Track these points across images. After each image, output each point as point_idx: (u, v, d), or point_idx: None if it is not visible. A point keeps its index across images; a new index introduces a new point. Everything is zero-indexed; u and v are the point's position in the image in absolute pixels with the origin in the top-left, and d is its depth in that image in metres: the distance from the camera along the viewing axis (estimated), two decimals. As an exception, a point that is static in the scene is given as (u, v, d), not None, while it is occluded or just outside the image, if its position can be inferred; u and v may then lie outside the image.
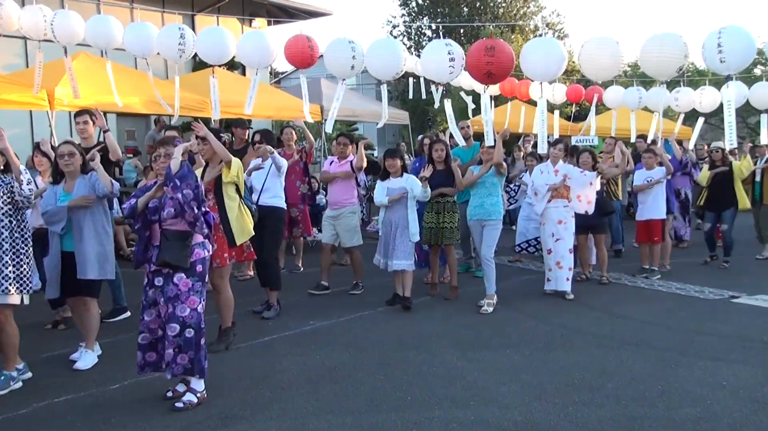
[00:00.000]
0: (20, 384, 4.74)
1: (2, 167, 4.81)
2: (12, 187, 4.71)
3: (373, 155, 19.24)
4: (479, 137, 8.05)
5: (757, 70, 20.76)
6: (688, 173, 11.22)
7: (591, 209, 7.56)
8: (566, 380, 4.81)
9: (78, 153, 5.13)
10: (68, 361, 5.18)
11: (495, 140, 6.91)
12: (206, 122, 11.54)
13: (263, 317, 6.55)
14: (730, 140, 6.97)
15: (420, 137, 14.97)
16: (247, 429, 4.05)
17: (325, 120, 7.87)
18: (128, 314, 6.47)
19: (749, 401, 4.41)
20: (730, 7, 73.26)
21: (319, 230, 10.38)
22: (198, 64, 14.12)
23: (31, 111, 11.58)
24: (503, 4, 31.58)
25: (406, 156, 11.40)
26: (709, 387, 4.65)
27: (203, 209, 4.49)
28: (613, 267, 8.55)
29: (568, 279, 7.39)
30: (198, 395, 4.40)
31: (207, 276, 4.60)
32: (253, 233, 5.77)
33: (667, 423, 4.09)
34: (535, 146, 10.67)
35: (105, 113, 10.77)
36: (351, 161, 7.62)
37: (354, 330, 6.14)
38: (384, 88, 7.94)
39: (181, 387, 4.51)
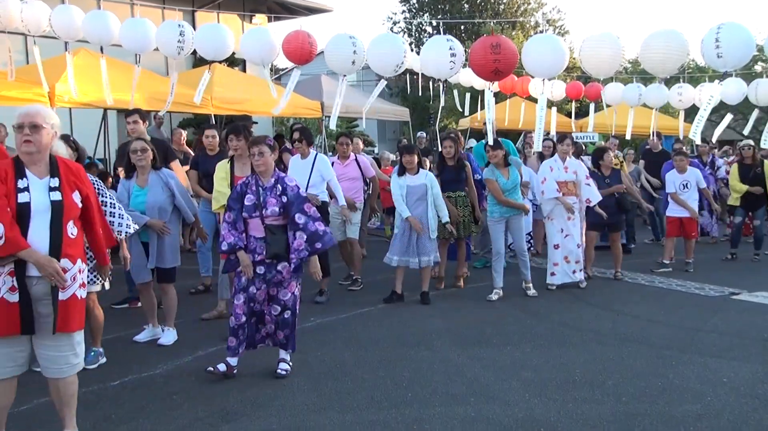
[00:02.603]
0: (104, 359, 5.11)
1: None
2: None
3: (373, 151, 19.25)
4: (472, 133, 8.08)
5: (758, 67, 20.70)
6: (713, 172, 11.15)
7: (591, 203, 7.59)
8: (567, 377, 4.82)
9: (150, 149, 5.48)
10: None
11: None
12: (208, 118, 11.58)
13: (316, 301, 6.94)
14: (694, 132, 7.02)
15: (419, 133, 15.00)
16: (247, 425, 4.06)
17: (327, 117, 7.92)
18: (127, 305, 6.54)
19: (750, 398, 4.41)
20: (731, 3, 73.20)
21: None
22: (198, 61, 14.12)
23: (31, 108, 11.56)
24: (504, 1, 31.55)
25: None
26: (709, 384, 4.65)
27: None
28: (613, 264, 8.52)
29: (575, 272, 7.50)
30: (289, 364, 4.91)
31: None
32: None
33: (668, 419, 4.09)
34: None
35: (105, 110, 10.78)
36: (356, 160, 7.67)
37: (355, 327, 6.15)
38: (382, 83, 7.92)
39: (221, 366, 4.73)
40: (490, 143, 7.20)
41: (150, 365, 5.09)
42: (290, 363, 4.90)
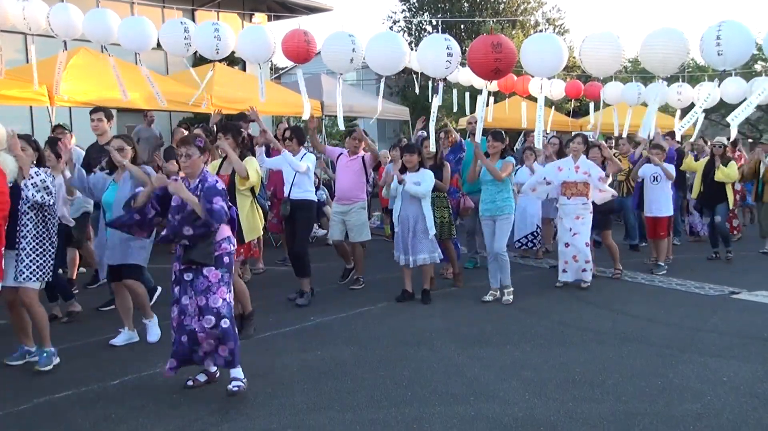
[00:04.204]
0: (58, 359, 5.01)
1: (35, 162, 4.98)
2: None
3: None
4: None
5: (758, 66, 20.70)
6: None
7: (606, 197, 7.64)
8: (566, 376, 4.82)
9: (128, 147, 5.47)
10: (68, 356, 5.18)
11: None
12: (207, 118, 11.56)
13: (297, 304, 6.77)
14: (682, 125, 7.04)
15: (420, 132, 14.99)
16: (247, 424, 4.06)
17: (327, 116, 7.96)
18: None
19: (749, 397, 4.41)
20: (730, 2, 73.20)
21: (320, 226, 10.40)
22: (198, 60, 14.09)
23: (31, 107, 11.56)
24: (504, 0, 31.54)
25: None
26: (709, 384, 4.65)
27: (227, 203, 4.58)
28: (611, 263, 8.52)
29: (584, 270, 7.50)
30: (243, 381, 4.47)
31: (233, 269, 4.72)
32: (262, 232, 5.92)
33: (668, 419, 4.09)
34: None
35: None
36: (362, 157, 7.66)
37: (355, 326, 6.14)
38: (382, 83, 7.97)
39: (201, 377, 4.65)
40: (477, 140, 7.18)
41: (150, 364, 5.09)
42: (244, 380, 4.49)
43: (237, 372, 4.48)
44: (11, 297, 4.95)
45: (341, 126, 7.81)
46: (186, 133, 9.31)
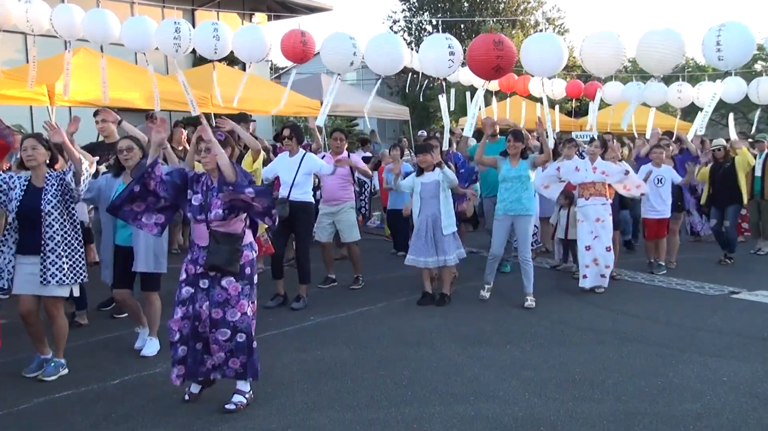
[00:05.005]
0: (66, 370, 4.85)
1: (48, 161, 4.82)
2: (65, 181, 4.67)
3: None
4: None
5: (758, 66, 20.70)
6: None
7: (645, 190, 7.70)
8: (567, 376, 4.82)
9: (137, 148, 5.24)
10: (68, 356, 5.18)
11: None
12: (205, 117, 11.56)
13: (292, 308, 6.68)
14: (699, 126, 7.02)
15: (420, 132, 15.02)
16: (247, 424, 4.06)
17: (328, 116, 7.97)
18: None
19: (749, 397, 4.41)
20: (730, 2, 73.17)
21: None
22: (198, 60, 14.12)
23: (31, 107, 11.56)
24: (504, 0, 31.57)
25: (407, 152, 11.43)
26: (709, 383, 4.65)
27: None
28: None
29: (603, 276, 7.40)
30: (246, 396, 4.28)
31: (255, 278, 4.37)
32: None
33: (667, 419, 4.09)
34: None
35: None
36: (348, 157, 7.53)
37: (355, 326, 6.14)
38: (377, 84, 7.96)
39: (194, 388, 4.43)
40: (467, 134, 7.12)
41: (150, 364, 5.09)
42: (248, 394, 4.31)
43: (244, 385, 4.30)
44: (28, 307, 4.69)
45: (320, 123, 7.74)
46: (185, 132, 9.32)
